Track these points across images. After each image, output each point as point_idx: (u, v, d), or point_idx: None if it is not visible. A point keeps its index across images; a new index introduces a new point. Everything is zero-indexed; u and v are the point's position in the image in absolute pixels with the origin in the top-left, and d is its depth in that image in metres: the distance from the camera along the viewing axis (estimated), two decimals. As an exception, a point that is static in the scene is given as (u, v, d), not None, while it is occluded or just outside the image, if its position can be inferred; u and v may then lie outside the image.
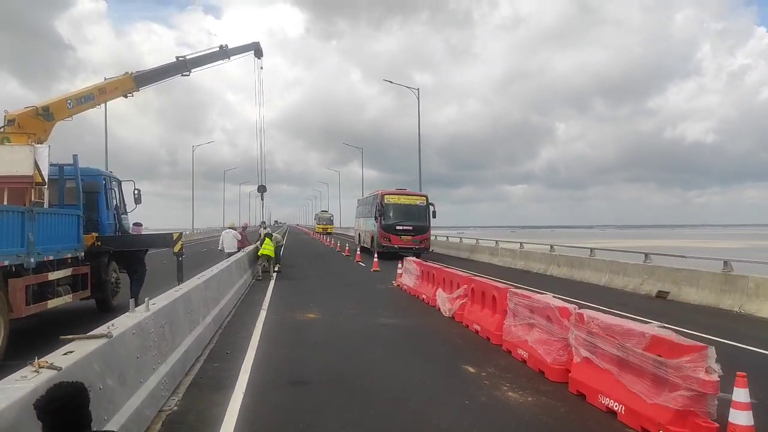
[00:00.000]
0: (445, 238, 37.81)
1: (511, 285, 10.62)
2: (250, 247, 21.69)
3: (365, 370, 7.34)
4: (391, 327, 10.53)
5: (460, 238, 34.83)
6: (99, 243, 11.43)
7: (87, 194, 11.76)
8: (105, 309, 11.85)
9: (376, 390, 6.43)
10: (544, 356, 7.17)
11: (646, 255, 17.37)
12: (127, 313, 5.67)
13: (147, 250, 13.13)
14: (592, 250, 20.39)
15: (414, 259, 16.51)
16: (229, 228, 21.58)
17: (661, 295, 15.42)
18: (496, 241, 29.42)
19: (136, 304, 5.99)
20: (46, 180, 9.83)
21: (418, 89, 43.53)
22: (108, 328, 4.88)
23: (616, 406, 5.65)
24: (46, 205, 9.87)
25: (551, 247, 23.70)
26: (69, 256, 10.17)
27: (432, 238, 40.17)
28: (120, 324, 5.09)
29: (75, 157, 10.67)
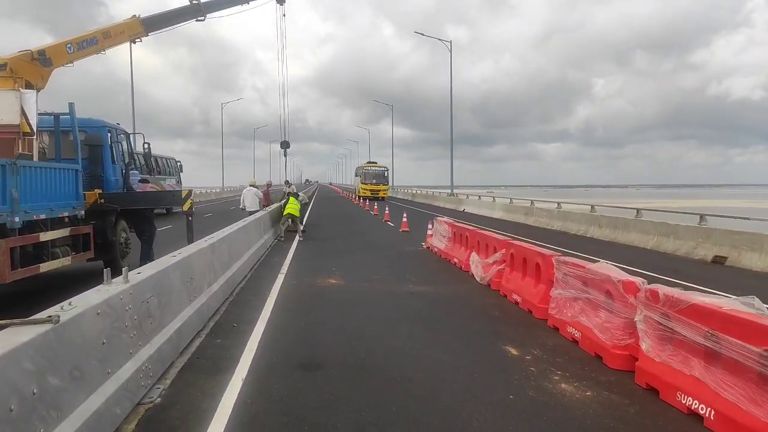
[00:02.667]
0: (478, 197, 36.40)
1: (549, 248, 9.40)
2: (274, 206, 20.78)
3: (388, 350, 6.27)
4: (420, 296, 9.44)
5: (493, 197, 33.37)
6: (102, 200, 10.53)
7: (90, 147, 10.85)
8: (114, 271, 11.04)
9: (400, 378, 5.36)
10: (602, 338, 6.00)
11: (701, 216, 15.83)
12: (99, 287, 4.67)
13: (153, 210, 12.24)
14: (638, 210, 18.85)
15: (446, 219, 15.31)
16: (251, 186, 20.65)
17: (718, 260, 13.99)
18: (531, 201, 27.96)
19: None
20: (35, 129, 8.87)
21: (450, 42, 41.72)
22: (61, 308, 3.87)
23: (702, 408, 4.47)
24: (35, 158, 8.94)
25: (592, 207, 22.21)
26: (66, 214, 9.29)
27: (463, 197, 39.11)
28: (81, 302, 4.08)
29: (71, 105, 9.66)
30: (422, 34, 44.40)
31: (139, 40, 13.61)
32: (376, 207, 33.32)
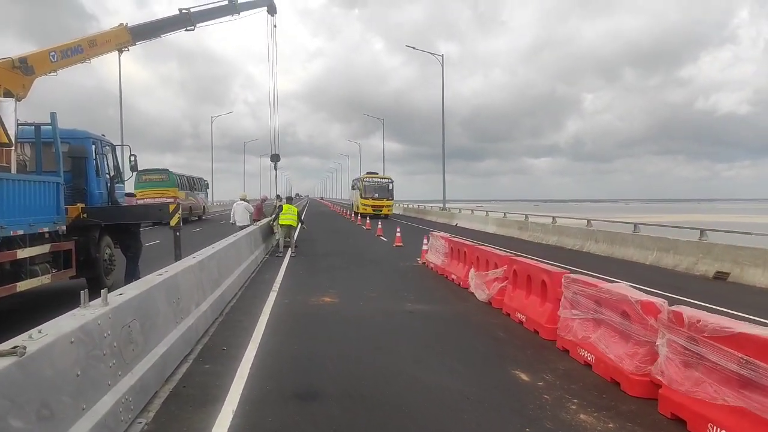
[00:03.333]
0: (470, 211, 36.09)
1: (545, 263, 9.04)
2: (264, 221, 20.31)
3: (390, 376, 5.84)
4: (419, 315, 9.02)
5: (486, 212, 33.07)
6: (85, 215, 10.06)
7: (74, 159, 10.39)
8: (97, 289, 10.56)
9: (404, 409, 4.93)
10: (619, 362, 5.61)
11: (702, 231, 15.58)
12: (74, 311, 4.22)
13: (140, 224, 11.76)
14: (635, 225, 18.58)
15: (442, 234, 14.93)
16: (241, 200, 20.18)
17: (720, 276, 13.71)
18: (526, 215, 27.69)
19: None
20: (13, 140, 8.40)
21: (442, 55, 41.67)
22: (29, 337, 3.43)
23: (738, 443, 4.09)
24: (13, 170, 8.46)
25: (588, 221, 21.93)
26: (46, 230, 8.80)
27: (456, 211, 38.78)
28: (52, 330, 3.63)
29: (53, 115, 9.20)
30: (413, 48, 44.31)
31: (126, 49, 13.21)
32: (368, 222, 32.90)
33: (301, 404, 5.02)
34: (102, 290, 4.54)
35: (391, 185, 46.39)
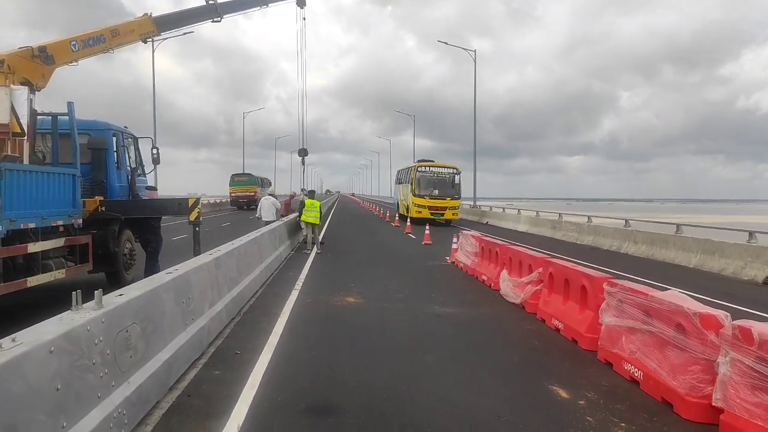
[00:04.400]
0: (501, 209, 35.24)
1: (581, 264, 8.38)
2: (291, 216, 19.95)
3: (414, 390, 5.31)
4: (448, 319, 8.47)
5: (518, 210, 32.21)
6: (103, 208, 9.77)
7: (93, 151, 10.12)
8: (117, 284, 10.30)
9: (427, 430, 4.40)
10: (672, 381, 4.98)
11: (751, 233, 14.62)
12: (63, 315, 3.81)
13: (161, 218, 11.46)
14: (678, 226, 17.63)
15: (473, 233, 14.32)
16: (269, 195, 19.86)
17: (772, 281, 12.80)
18: (559, 214, 26.80)
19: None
20: (26, 129, 8.12)
21: (474, 50, 40.80)
22: (0, 346, 3.01)
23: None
24: (26, 161, 8.18)
25: (626, 221, 21.00)
26: (61, 223, 8.52)
27: (486, 209, 37.89)
28: (28, 338, 3.21)
29: (70, 105, 8.90)
30: (446, 43, 43.55)
31: (150, 39, 12.94)
32: (396, 218, 32.35)
33: (314, 420, 4.53)
34: (96, 291, 4.12)
35: (457, 177, 32.20)
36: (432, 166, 33.03)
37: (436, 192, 31.35)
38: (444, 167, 32.90)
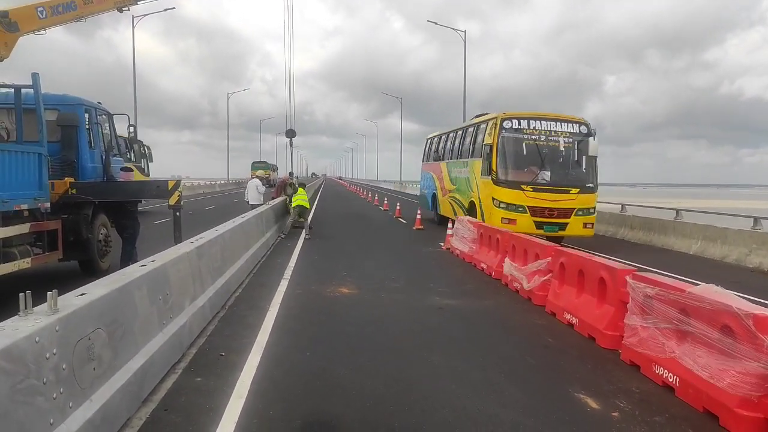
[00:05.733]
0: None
1: (583, 251, 7.79)
2: (279, 200, 19.20)
3: (421, 399, 4.66)
4: (450, 312, 7.83)
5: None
6: (74, 191, 8.96)
7: (64, 129, 9.28)
8: (91, 273, 9.53)
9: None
10: (717, 390, 4.38)
11: (756, 219, 14.16)
12: (4, 324, 3.09)
13: (137, 202, 10.64)
14: (678, 211, 17.16)
15: (470, 218, 13.67)
16: (257, 177, 19.10)
17: (777, 269, 12.36)
18: (552, 198, 26.21)
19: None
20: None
21: (464, 31, 39.86)
22: None
23: None
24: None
25: (622, 206, 20.51)
26: (26, 207, 7.72)
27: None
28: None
29: (35, 76, 8.02)
30: (435, 23, 42.50)
31: (126, 8, 11.99)
32: (386, 202, 31.65)
33: (313, 441, 3.88)
34: (49, 293, 3.39)
35: (591, 144, 14.88)
36: (539, 118, 15.20)
37: (549, 177, 14.87)
38: (565, 121, 15.36)
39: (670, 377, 5.00)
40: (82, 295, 3.88)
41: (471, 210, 16.43)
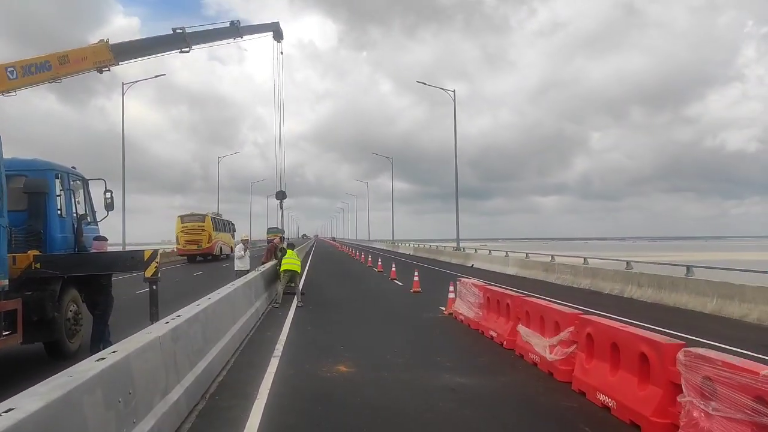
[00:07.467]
0: (488, 251, 33.93)
1: (576, 309, 6.92)
2: (269, 264, 18.25)
3: None
4: (464, 394, 6.84)
5: (506, 251, 30.91)
6: (38, 265, 8.05)
7: (31, 196, 8.47)
8: (58, 355, 8.52)
9: None
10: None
11: (775, 275, 13.39)
12: None
13: (111, 275, 9.68)
14: (688, 267, 16.38)
15: (474, 281, 12.80)
16: (242, 241, 18.28)
17: (807, 329, 11.48)
18: (552, 255, 25.53)
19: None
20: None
21: (453, 90, 40.30)
22: None
23: None
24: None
25: (627, 263, 19.72)
26: (-23, 286, 6.79)
27: (471, 251, 36.49)
28: None
29: (-5, 138, 7.27)
30: (424, 84, 43.24)
31: (107, 69, 11.40)
32: (380, 263, 30.74)
33: None
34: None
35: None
36: None
37: None
38: None
39: (753, 484, 4.04)
40: (6, 412, 2.93)
41: None
